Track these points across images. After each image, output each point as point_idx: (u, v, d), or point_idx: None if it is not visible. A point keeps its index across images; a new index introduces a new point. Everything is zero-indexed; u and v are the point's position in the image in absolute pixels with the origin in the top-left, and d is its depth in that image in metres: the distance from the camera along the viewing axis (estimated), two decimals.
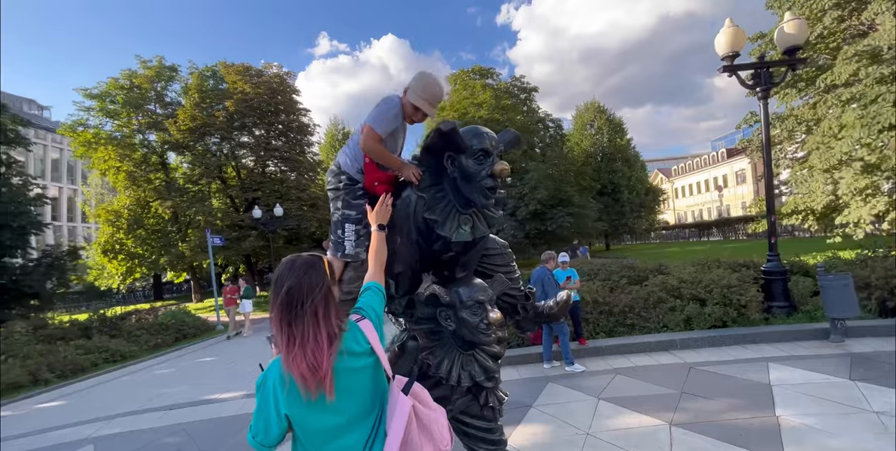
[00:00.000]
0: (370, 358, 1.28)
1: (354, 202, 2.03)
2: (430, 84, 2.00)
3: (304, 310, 1.20)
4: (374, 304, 1.43)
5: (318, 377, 1.15)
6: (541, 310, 2.77)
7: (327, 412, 1.20)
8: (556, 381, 5.01)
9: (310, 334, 1.18)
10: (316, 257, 1.32)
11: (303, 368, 1.15)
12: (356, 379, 1.24)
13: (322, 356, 1.17)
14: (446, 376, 2.11)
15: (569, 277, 5.99)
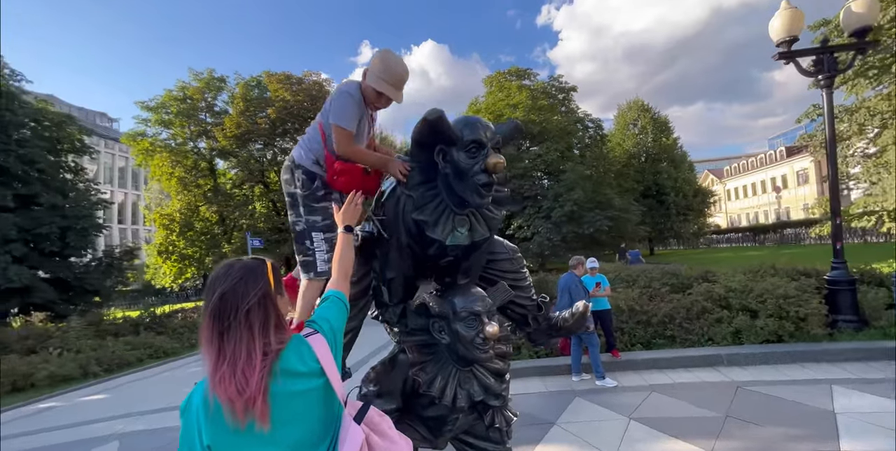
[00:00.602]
0: (318, 380, 1.09)
1: (318, 206, 1.82)
2: (392, 64, 1.79)
3: (238, 320, 1.03)
4: (331, 316, 1.24)
5: (246, 400, 0.98)
6: (555, 322, 2.51)
7: (261, 444, 1.02)
8: (584, 396, 4.64)
9: (242, 350, 1.02)
10: (258, 261, 1.16)
11: (230, 390, 0.98)
12: (299, 404, 1.06)
13: (253, 376, 0.99)
14: (439, 394, 1.89)
15: (598, 284, 5.59)
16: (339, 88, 1.80)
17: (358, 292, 2.01)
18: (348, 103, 1.75)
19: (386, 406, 2.03)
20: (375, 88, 1.82)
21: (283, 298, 1.18)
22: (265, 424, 0.99)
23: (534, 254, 18.87)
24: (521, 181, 20.02)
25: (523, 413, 4.17)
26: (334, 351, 1.15)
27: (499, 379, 2.07)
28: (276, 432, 1.02)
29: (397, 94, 1.83)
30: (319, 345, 1.13)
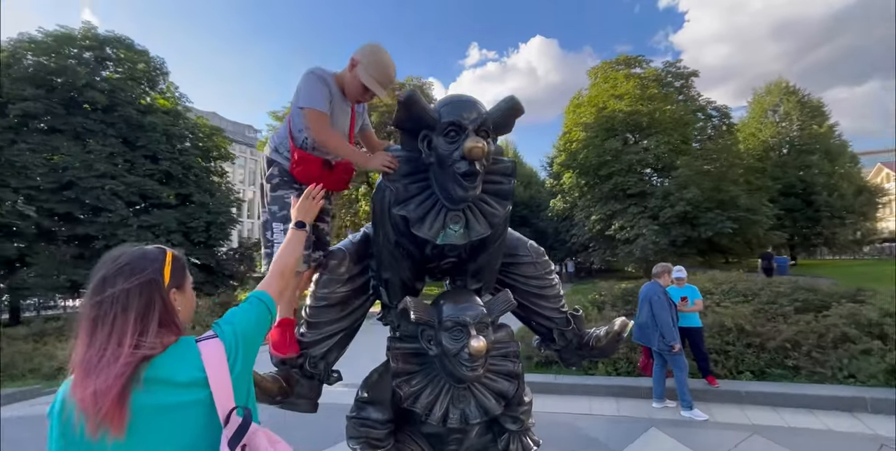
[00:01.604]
0: (199, 392, 0.93)
1: (274, 194, 1.73)
2: (383, 62, 1.67)
3: (113, 307, 0.92)
4: (238, 319, 1.07)
5: (99, 403, 0.84)
6: (587, 339, 2.13)
7: None
8: (663, 427, 3.96)
9: (110, 342, 0.89)
10: (158, 250, 1.04)
11: (86, 393, 0.84)
12: (169, 420, 0.91)
13: (113, 374, 0.86)
14: (424, 411, 1.70)
15: (684, 297, 4.74)
16: (304, 74, 1.69)
17: (350, 292, 1.90)
18: (314, 84, 1.64)
19: (377, 415, 1.90)
20: (364, 83, 1.69)
21: (183, 294, 1.06)
22: (119, 433, 0.85)
23: (637, 258, 17.12)
24: (625, 178, 18.31)
25: (585, 437, 3.72)
26: (233, 359, 0.99)
27: (501, 401, 1.79)
28: (139, 446, 0.88)
29: (383, 91, 1.70)
30: (211, 351, 0.97)
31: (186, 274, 1.10)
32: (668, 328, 4.26)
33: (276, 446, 0.99)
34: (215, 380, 0.94)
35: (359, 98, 1.75)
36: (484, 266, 1.90)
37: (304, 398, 1.80)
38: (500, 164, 1.76)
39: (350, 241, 1.99)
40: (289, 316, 1.79)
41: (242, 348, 1.02)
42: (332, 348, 1.87)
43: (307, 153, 1.72)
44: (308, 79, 1.64)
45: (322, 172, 1.73)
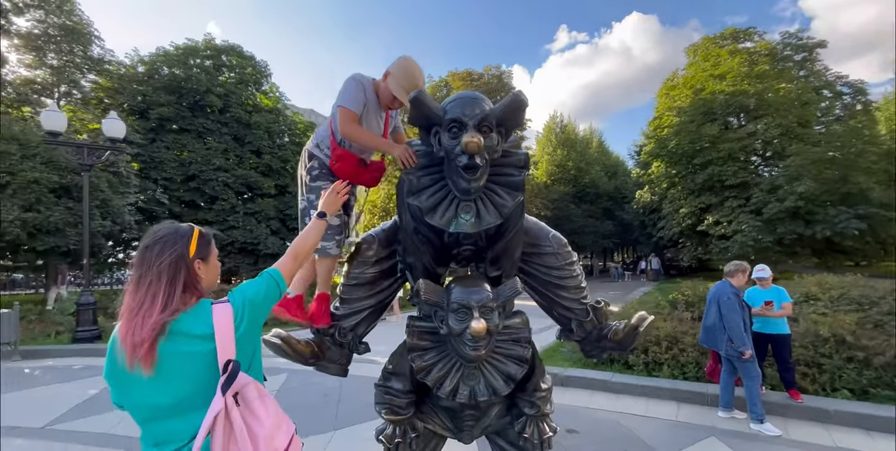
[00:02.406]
0: (207, 345, 1.15)
1: (313, 185, 1.96)
2: (411, 73, 1.85)
3: (151, 272, 1.17)
4: (250, 289, 1.28)
5: (134, 344, 1.09)
6: (606, 332, 2.13)
7: (147, 390, 1.14)
8: (724, 438, 3.68)
9: (148, 298, 1.14)
10: (187, 227, 1.28)
11: (126, 331, 1.12)
12: (186, 364, 1.14)
13: (148, 324, 1.11)
14: (435, 385, 1.87)
15: (768, 301, 4.25)
16: (349, 76, 1.92)
17: (378, 273, 2.10)
18: (353, 88, 1.86)
19: (399, 385, 2.10)
20: (393, 92, 1.88)
21: (206, 265, 1.28)
22: (148, 370, 1.10)
23: (733, 256, 15.35)
24: (722, 167, 16.42)
25: (632, 438, 3.63)
26: (238, 321, 1.20)
27: (510, 382, 1.88)
28: (161, 383, 1.12)
29: (407, 98, 1.86)
30: (221, 313, 1.19)
31: (211, 248, 1.33)
32: (738, 332, 3.90)
33: (263, 398, 1.20)
34: (220, 336, 1.16)
35: (390, 105, 1.95)
36: (501, 254, 1.99)
37: (334, 363, 2.06)
38: (512, 156, 1.83)
39: (381, 228, 2.20)
40: (325, 292, 2.05)
41: (248, 313, 1.23)
42: (361, 322, 2.10)
43: (346, 150, 1.95)
44: (348, 83, 1.87)
45: (357, 169, 1.95)
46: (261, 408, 1.17)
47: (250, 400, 1.17)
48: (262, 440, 1.13)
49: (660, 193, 21.35)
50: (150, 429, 1.18)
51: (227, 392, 1.12)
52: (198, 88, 18.36)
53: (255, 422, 1.15)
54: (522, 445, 2.20)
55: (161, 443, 1.17)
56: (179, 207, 17.52)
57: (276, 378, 5.53)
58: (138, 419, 1.19)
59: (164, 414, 1.16)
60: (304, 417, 4.21)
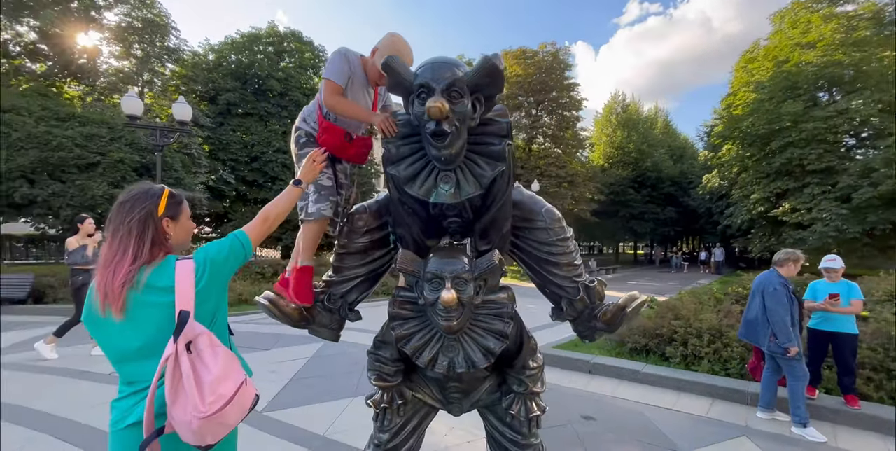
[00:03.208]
0: (169, 297, 1.26)
1: (301, 153, 1.98)
2: (397, 49, 1.81)
3: (123, 227, 1.29)
4: (212, 248, 1.38)
5: (107, 291, 1.22)
6: (597, 312, 2.03)
7: (117, 333, 1.26)
8: (757, 439, 3.41)
9: (119, 252, 1.26)
10: (158, 187, 1.40)
11: (103, 280, 1.24)
12: (150, 313, 1.26)
13: (120, 275, 1.23)
14: (414, 354, 1.89)
15: (833, 294, 3.79)
16: (335, 50, 1.92)
17: (369, 243, 2.13)
18: (337, 60, 1.86)
19: (387, 354, 2.14)
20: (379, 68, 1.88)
21: (176, 223, 1.39)
22: (118, 316, 1.23)
23: (810, 248, 13.80)
24: (804, 149, 14.61)
25: (651, 429, 3.48)
26: (199, 276, 1.30)
27: (489, 356, 1.86)
28: (130, 329, 1.25)
29: None
30: (183, 268, 1.29)
31: (181, 209, 1.43)
32: (783, 327, 3.53)
33: (215, 348, 1.27)
34: (180, 289, 1.26)
35: (378, 81, 1.94)
36: (489, 227, 1.94)
37: (325, 327, 2.13)
38: (493, 125, 1.75)
39: (375, 199, 2.21)
40: (309, 264, 2.10)
41: (209, 270, 1.33)
42: (352, 290, 2.15)
43: (332, 124, 1.97)
44: (333, 56, 1.89)
45: (343, 143, 1.96)
46: (210, 357, 1.25)
47: (201, 349, 1.25)
48: (207, 385, 1.20)
49: (730, 178, 19.53)
50: (121, 370, 1.31)
51: (179, 340, 1.21)
52: (260, 74, 19.37)
53: (203, 368, 1.23)
54: (510, 422, 2.18)
55: (132, 382, 1.30)
56: (244, 185, 18.83)
57: (310, 346, 5.88)
58: (112, 360, 1.31)
59: (132, 357, 1.28)
60: (330, 383, 4.46)
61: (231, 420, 1.24)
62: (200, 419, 1.16)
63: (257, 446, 3.04)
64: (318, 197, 1.97)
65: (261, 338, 6.34)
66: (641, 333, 5.63)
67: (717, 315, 5.56)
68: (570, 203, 22.27)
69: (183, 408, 1.17)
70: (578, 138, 24.77)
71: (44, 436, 3.19)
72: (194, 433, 1.19)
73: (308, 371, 4.84)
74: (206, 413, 1.17)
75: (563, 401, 4.10)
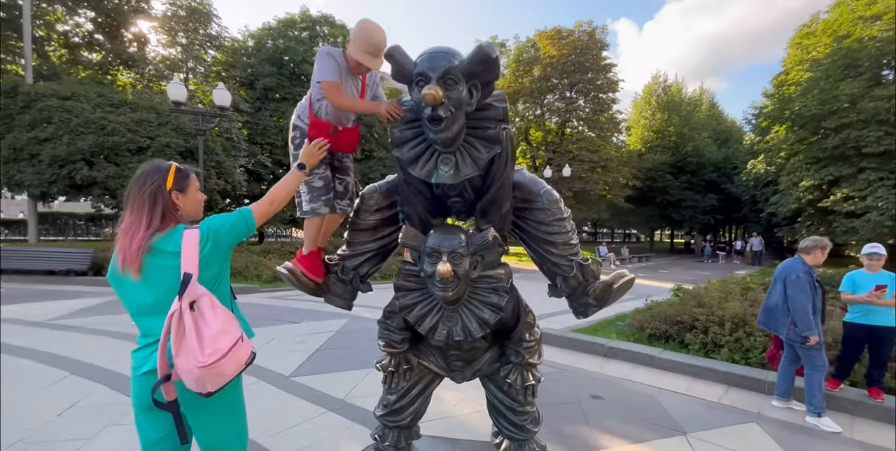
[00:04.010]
0: (176, 260, 1.43)
1: (296, 152, 2.05)
2: (368, 35, 1.88)
3: (138, 199, 1.46)
4: (217, 221, 1.53)
5: (125, 254, 1.41)
6: (589, 289, 2.12)
7: (135, 290, 1.45)
8: (768, 425, 3.41)
9: (136, 221, 1.45)
10: (167, 163, 1.56)
11: (123, 244, 1.43)
12: (161, 274, 1.43)
13: (136, 240, 1.41)
14: (416, 322, 2.06)
15: (880, 286, 3.62)
16: (319, 53, 2.01)
17: (379, 220, 2.28)
18: (327, 61, 1.93)
19: (394, 323, 2.32)
20: (354, 58, 1.92)
21: (184, 195, 1.55)
22: (135, 275, 1.41)
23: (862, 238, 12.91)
24: (862, 131, 13.50)
25: (658, 412, 3.55)
26: (203, 243, 1.46)
27: (485, 327, 2.00)
28: (144, 287, 1.43)
29: (374, 61, 1.91)
30: (189, 236, 1.45)
31: (189, 182, 1.58)
32: (804, 315, 3.46)
33: (215, 309, 1.42)
34: (185, 254, 1.43)
35: (359, 71, 2.00)
36: (488, 207, 2.05)
37: (339, 296, 2.33)
38: (490, 110, 1.85)
39: (386, 180, 2.36)
40: (313, 249, 2.26)
41: (212, 238, 1.49)
42: (364, 263, 2.32)
43: (319, 119, 2.05)
44: (320, 57, 1.96)
45: (329, 136, 2.05)
46: (211, 315, 1.40)
47: (203, 308, 1.41)
48: (206, 339, 1.36)
49: (777, 164, 18.38)
50: (139, 323, 1.50)
51: (183, 298, 1.38)
52: (294, 59, 19.79)
53: (203, 325, 1.38)
54: (507, 390, 2.33)
55: (147, 335, 1.50)
56: (280, 168, 19.54)
57: (337, 321, 6.24)
58: (131, 314, 1.51)
59: (146, 312, 1.47)
60: (352, 354, 4.76)
61: (228, 371, 1.38)
62: (200, 369, 1.31)
63: (284, 405, 3.35)
64: (311, 197, 2.08)
65: (294, 312, 6.78)
66: (662, 319, 5.60)
67: (743, 304, 5.44)
68: (602, 188, 21.74)
69: (185, 359, 1.32)
70: (614, 121, 23.94)
71: (100, 387, 3.67)
72: (196, 381, 1.34)
73: (333, 343, 5.18)
74: (204, 363, 1.32)
75: (575, 381, 4.21)
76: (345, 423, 3.10)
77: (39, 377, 3.83)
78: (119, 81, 18.75)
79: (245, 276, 10.21)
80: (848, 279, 3.91)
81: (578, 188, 20.99)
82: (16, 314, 6.17)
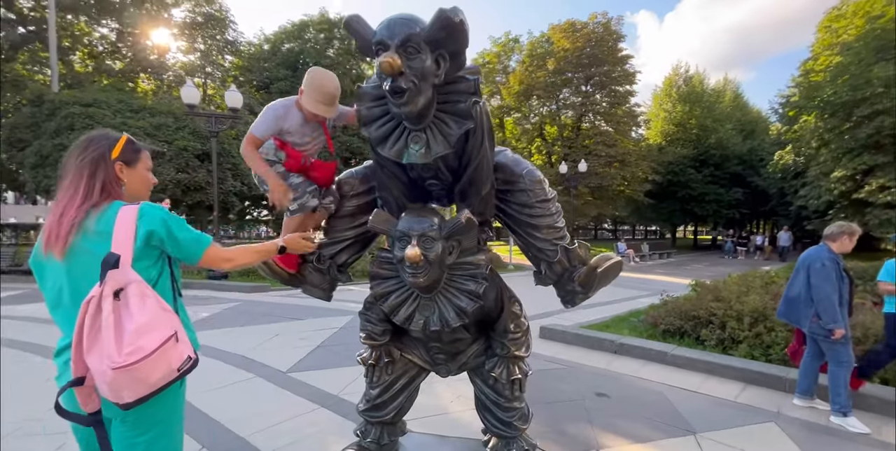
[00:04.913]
0: (107, 241, 1.19)
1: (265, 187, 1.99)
2: (320, 84, 1.83)
3: (76, 167, 1.27)
4: (174, 223, 1.30)
5: (50, 232, 1.19)
6: (574, 275, 1.99)
7: (57, 274, 1.23)
8: (788, 426, 3.17)
9: (70, 191, 1.24)
10: (117, 134, 1.36)
11: (50, 221, 1.21)
12: (88, 260, 1.19)
13: (68, 215, 1.20)
14: (392, 312, 1.96)
15: None
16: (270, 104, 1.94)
17: (357, 207, 2.19)
18: (266, 115, 1.88)
19: (375, 315, 2.23)
20: (308, 109, 1.86)
21: (131, 170, 1.35)
22: (59, 256, 1.19)
23: None
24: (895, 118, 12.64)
25: (667, 410, 3.36)
26: (142, 222, 1.23)
27: (463, 316, 1.88)
28: (67, 271, 1.21)
29: (329, 109, 1.87)
30: (126, 214, 1.22)
31: (139, 157, 1.40)
32: (829, 306, 3.20)
33: (145, 299, 1.17)
34: (118, 235, 1.20)
35: (317, 119, 1.93)
36: (467, 189, 1.94)
37: (316, 287, 2.24)
38: (462, 83, 1.72)
39: (364, 165, 2.27)
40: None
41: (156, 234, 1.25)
42: (342, 252, 2.23)
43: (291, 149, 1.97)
44: (264, 112, 1.90)
45: (302, 166, 1.98)
46: (138, 306, 1.16)
47: (129, 297, 1.17)
48: (127, 333, 1.11)
49: (806, 154, 17.53)
50: (56, 316, 1.28)
51: (106, 283, 1.14)
52: (309, 61, 20.03)
53: (126, 316, 1.14)
54: (493, 385, 2.22)
55: (68, 330, 1.25)
56: None
57: (341, 319, 6.20)
58: (49, 306, 1.29)
59: (68, 304, 1.23)
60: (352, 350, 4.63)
61: (152, 378, 1.13)
62: (114, 370, 1.07)
63: (276, 401, 3.31)
64: (296, 194, 1.98)
65: (300, 309, 6.78)
66: (677, 315, 5.35)
67: (764, 298, 5.14)
68: (620, 184, 21.20)
69: (98, 357, 1.09)
70: (632, 115, 23.32)
71: None
72: (109, 386, 1.10)
73: (335, 340, 5.13)
74: (120, 364, 1.07)
75: (580, 379, 4.04)
76: (336, 419, 3.02)
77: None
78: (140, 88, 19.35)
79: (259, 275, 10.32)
80: (889, 267, 3.56)
81: (595, 184, 20.53)
82: (34, 313, 6.36)
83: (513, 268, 14.22)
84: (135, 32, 18.50)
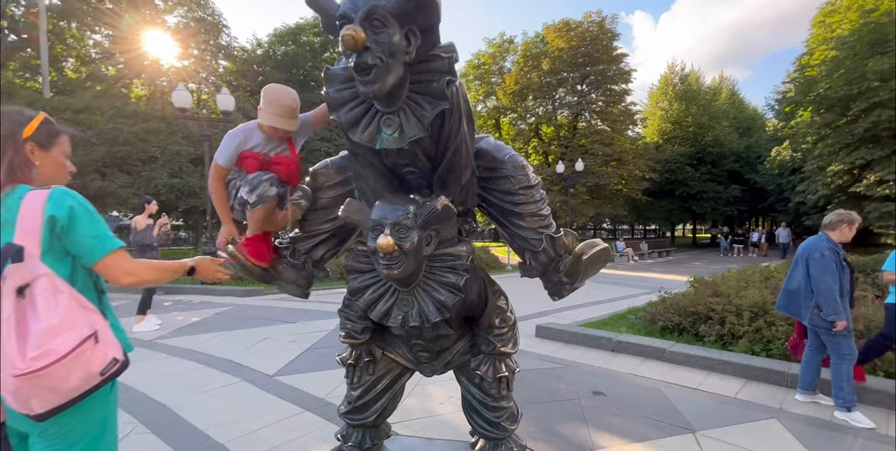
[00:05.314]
0: (9, 234, 1.04)
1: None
2: (276, 99, 1.78)
3: None
4: (88, 219, 1.15)
5: None
6: (560, 264, 1.88)
7: None
8: (790, 422, 3.06)
9: None
10: (33, 112, 1.22)
11: None
12: None
13: None
14: (368, 307, 1.85)
15: None
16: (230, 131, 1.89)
17: (332, 199, 2.09)
18: (226, 143, 1.85)
19: (353, 312, 2.13)
20: (269, 125, 1.81)
21: (45, 153, 1.20)
22: None
23: None
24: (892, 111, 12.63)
25: (665, 407, 3.25)
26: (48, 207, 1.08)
27: (443, 310, 1.78)
28: None
29: (291, 122, 1.81)
30: (33, 199, 1.07)
31: (57, 141, 1.25)
32: (830, 297, 3.10)
33: (56, 295, 1.03)
34: (23, 221, 1.05)
35: (279, 136, 1.86)
36: (446, 177, 1.84)
37: (291, 283, 2.14)
38: (436, 61, 1.63)
39: (340, 155, 2.17)
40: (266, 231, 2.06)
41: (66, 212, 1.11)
42: (318, 246, 2.13)
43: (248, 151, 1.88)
44: (224, 139, 1.86)
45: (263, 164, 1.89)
46: (46, 304, 1.02)
47: (37, 293, 1.02)
48: (33, 335, 0.99)
49: (803, 149, 17.49)
50: None
51: (5, 280, 1.01)
52: (304, 65, 19.99)
53: (32, 315, 1.01)
54: (479, 383, 2.12)
55: None
56: None
57: (333, 321, 6.06)
58: None
59: None
60: None
61: (65, 385, 1.00)
62: (16, 378, 0.95)
63: (260, 405, 3.19)
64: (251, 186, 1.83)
65: (291, 313, 6.66)
66: (675, 311, 5.25)
67: (763, 292, 5.04)
68: (618, 182, 21.11)
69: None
70: (628, 113, 23.26)
71: None
72: (13, 395, 0.98)
73: (325, 342, 5.01)
74: (23, 371, 0.95)
75: (576, 377, 3.92)
76: (320, 423, 2.90)
77: None
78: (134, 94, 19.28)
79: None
80: (893, 258, 3.46)
81: (593, 183, 20.43)
82: None
83: (511, 269, 14.10)
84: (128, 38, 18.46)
